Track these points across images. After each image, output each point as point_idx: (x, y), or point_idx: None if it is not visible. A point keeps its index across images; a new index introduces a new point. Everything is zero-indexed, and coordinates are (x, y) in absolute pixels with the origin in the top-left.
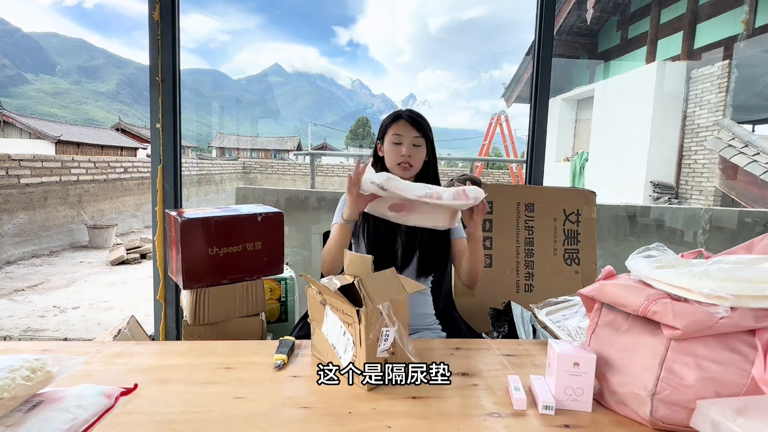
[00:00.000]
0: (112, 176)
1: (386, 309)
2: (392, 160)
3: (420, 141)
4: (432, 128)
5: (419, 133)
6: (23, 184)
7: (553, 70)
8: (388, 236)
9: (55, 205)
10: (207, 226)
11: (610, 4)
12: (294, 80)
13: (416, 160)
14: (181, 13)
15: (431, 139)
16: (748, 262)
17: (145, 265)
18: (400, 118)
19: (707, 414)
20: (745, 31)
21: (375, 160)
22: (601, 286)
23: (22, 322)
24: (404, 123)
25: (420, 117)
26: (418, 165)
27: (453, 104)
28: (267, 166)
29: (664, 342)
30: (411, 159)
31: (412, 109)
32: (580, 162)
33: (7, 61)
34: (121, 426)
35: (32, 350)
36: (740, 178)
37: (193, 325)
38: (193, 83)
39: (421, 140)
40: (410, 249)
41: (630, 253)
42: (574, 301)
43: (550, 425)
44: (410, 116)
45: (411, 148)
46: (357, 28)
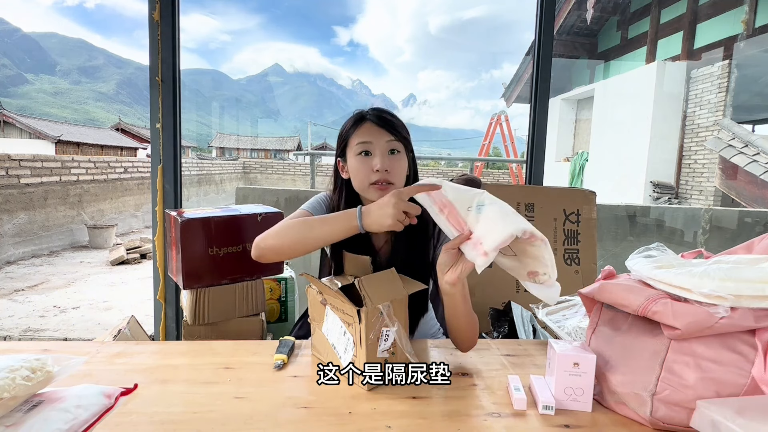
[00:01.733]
0: (112, 176)
1: (386, 309)
2: (362, 179)
3: (397, 146)
4: (431, 128)
5: (393, 135)
6: (23, 184)
7: (553, 70)
8: (366, 249)
9: (55, 205)
10: (207, 226)
11: (610, 4)
12: (294, 80)
13: (396, 174)
14: (181, 13)
15: (410, 144)
16: (748, 262)
17: (145, 265)
18: (364, 120)
19: (707, 414)
20: (745, 31)
21: (337, 185)
22: (601, 286)
23: (22, 322)
24: (371, 126)
25: (391, 115)
26: (400, 182)
27: (453, 104)
28: (267, 166)
29: (664, 342)
30: (389, 175)
31: (379, 107)
32: (580, 162)
33: (7, 61)
34: (121, 426)
35: (32, 350)
36: (740, 178)
37: (193, 325)
38: (193, 83)
39: (398, 144)
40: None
41: (630, 253)
42: (574, 301)
43: (550, 425)
44: (378, 116)
45: (386, 157)
46: (357, 28)
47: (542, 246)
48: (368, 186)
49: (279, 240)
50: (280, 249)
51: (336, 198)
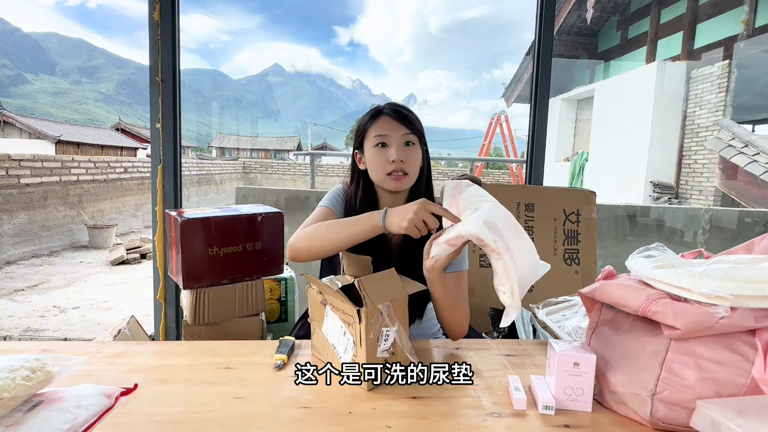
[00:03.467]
0: (112, 176)
1: (386, 309)
2: (379, 169)
3: (412, 138)
4: (431, 128)
5: (408, 129)
6: (23, 184)
7: (553, 70)
8: (378, 258)
9: (55, 205)
10: (207, 226)
11: (610, 4)
12: (294, 80)
13: (411, 165)
14: (181, 13)
15: (424, 137)
16: (748, 262)
17: (145, 265)
18: (381, 114)
19: (707, 414)
20: (745, 31)
21: (354, 176)
22: (601, 286)
23: (22, 322)
24: (388, 119)
25: (406, 109)
26: (415, 173)
27: (453, 104)
28: (267, 166)
29: (664, 342)
30: (405, 165)
31: (395, 102)
32: (580, 162)
33: (7, 61)
34: (121, 426)
35: (32, 350)
36: (740, 178)
37: (193, 325)
38: (193, 83)
39: (413, 137)
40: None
41: (630, 253)
42: (574, 301)
43: (550, 425)
44: (394, 110)
45: (402, 149)
46: (357, 28)
47: (499, 262)
48: (384, 176)
49: (310, 242)
50: (312, 250)
51: (353, 189)
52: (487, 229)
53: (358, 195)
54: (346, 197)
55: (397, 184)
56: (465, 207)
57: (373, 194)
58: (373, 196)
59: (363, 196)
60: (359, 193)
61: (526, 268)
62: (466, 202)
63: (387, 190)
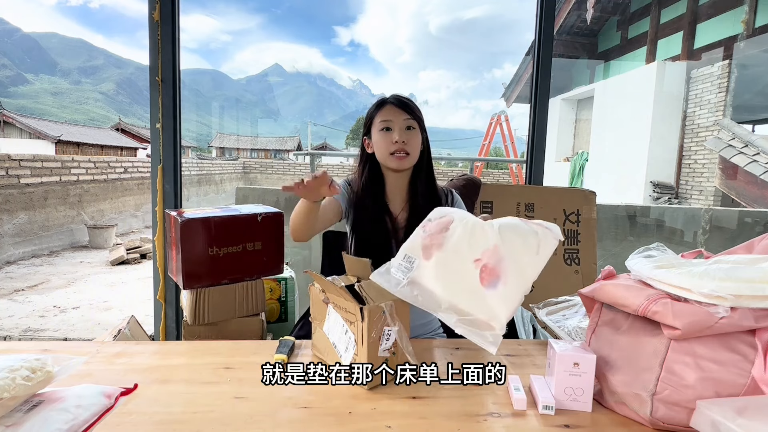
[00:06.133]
0: (112, 176)
1: (389, 308)
2: (383, 150)
3: (413, 123)
4: (432, 128)
5: (409, 115)
6: (23, 184)
7: (553, 70)
8: (384, 234)
9: (55, 205)
10: (207, 226)
11: (610, 4)
12: (294, 80)
13: (412, 146)
14: (182, 13)
15: (424, 124)
16: (748, 262)
17: (145, 265)
18: (385, 104)
19: (707, 414)
20: (745, 31)
21: (362, 159)
22: (601, 286)
23: (22, 322)
24: (392, 107)
25: (408, 99)
26: (415, 153)
27: (453, 104)
28: (267, 166)
29: (664, 342)
30: (406, 145)
31: (398, 93)
32: (580, 162)
33: (7, 61)
34: (121, 426)
35: (32, 350)
36: (740, 178)
37: (193, 325)
38: (193, 83)
39: (413, 122)
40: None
41: (630, 253)
42: (574, 301)
43: (550, 425)
44: (397, 99)
45: (404, 132)
46: (358, 28)
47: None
48: (388, 155)
49: (292, 222)
50: (294, 228)
51: (360, 169)
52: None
53: (364, 173)
54: (349, 184)
55: (399, 163)
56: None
57: (379, 175)
58: (379, 177)
59: (369, 175)
60: (365, 172)
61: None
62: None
63: (391, 169)
